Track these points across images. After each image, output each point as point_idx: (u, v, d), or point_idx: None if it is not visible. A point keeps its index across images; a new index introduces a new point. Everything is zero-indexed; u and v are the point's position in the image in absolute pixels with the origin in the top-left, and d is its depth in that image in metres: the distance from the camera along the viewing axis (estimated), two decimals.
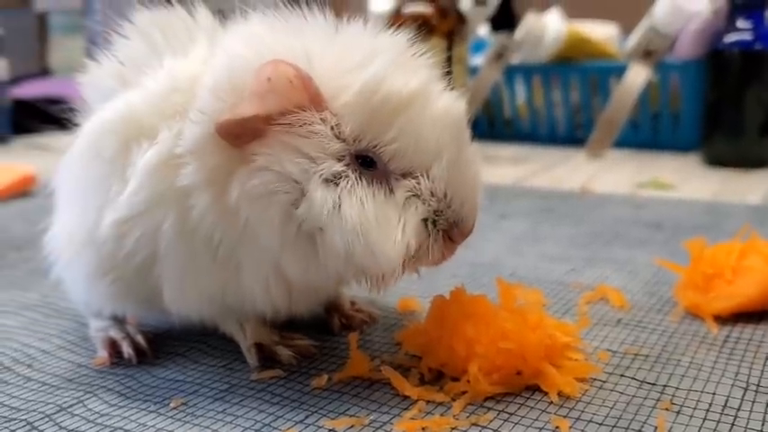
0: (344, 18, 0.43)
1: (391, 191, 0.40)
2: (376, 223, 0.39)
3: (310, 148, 0.39)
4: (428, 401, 0.42)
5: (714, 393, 0.43)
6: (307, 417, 0.41)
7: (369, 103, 0.39)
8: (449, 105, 0.42)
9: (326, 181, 0.39)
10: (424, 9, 1.15)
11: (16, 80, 1.87)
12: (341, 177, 0.39)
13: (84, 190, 0.46)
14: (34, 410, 0.42)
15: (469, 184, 0.42)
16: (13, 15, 2.15)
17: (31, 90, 1.87)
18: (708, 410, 0.41)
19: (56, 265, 0.51)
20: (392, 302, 0.57)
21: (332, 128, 0.39)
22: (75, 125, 0.48)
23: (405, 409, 0.41)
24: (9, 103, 1.59)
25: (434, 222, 0.41)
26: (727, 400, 0.42)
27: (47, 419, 0.41)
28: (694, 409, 0.41)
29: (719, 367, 0.46)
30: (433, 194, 0.41)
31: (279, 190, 0.39)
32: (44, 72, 2.34)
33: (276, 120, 0.39)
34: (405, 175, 0.40)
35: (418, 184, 0.40)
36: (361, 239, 0.39)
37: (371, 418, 0.40)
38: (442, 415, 0.40)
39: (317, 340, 0.49)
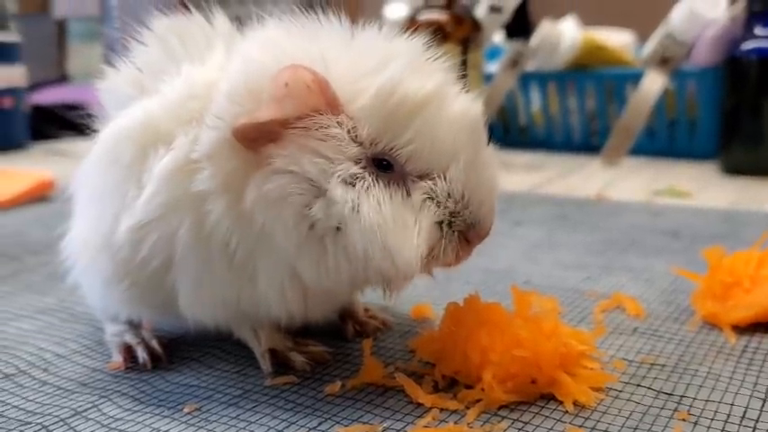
0: (359, 23, 0.43)
1: (408, 193, 0.40)
2: (393, 226, 0.39)
3: (327, 151, 0.39)
4: (442, 409, 0.41)
5: (732, 404, 0.42)
6: (320, 423, 0.41)
7: (385, 106, 0.39)
8: (465, 107, 0.42)
9: (345, 182, 0.39)
10: (439, 16, 1.15)
11: (35, 86, 1.89)
12: (358, 180, 0.39)
13: (101, 196, 0.46)
14: (49, 414, 0.42)
15: (486, 186, 0.42)
16: (33, 22, 2.18)
17: (49, 96, 1.89)
18: (726, 422, 0.40)
19: (73, 269, 0.51)
20: (406, 309, 0.57)
21: (348, 131, 0.39)
22: (93, 131, 0.49)
23: (418, 416, 0.41)
24: (28, 109, 1.61)
25: (450, 224, 0.41)
26: (745, 412, 0.41)
27: (62, 423, 0.41)
28: (712, 420, 0.40)
29: (738, 378, 0.45)
30: (449, 196, 0.41)
31: (294, 192, 0.39)
32: (62, 78, 2.37)
33: (293, 124, 0.39)
34: (422, 177, 0.40)
35: (435, 185, 0.40)
36: (379, 241, 0.39)
37: (385, 425, 0.40)
38: (455, 423, 0.40)
39: (330, 347, 0.49)
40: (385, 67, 0.40)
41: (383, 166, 0.40)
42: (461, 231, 0.41)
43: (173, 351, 0.50)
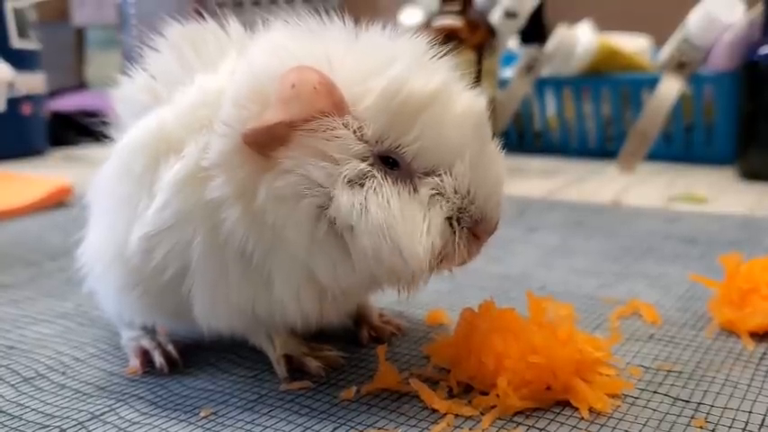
0: (364, 23, 0.43)
1: (415, 190, 0.40)
2: (402, 222, 0.39)
3: (334, 151, 0.39)
4: (457, 415, 0.41)
5: (750, 412, 0.42)
6: (335, 428, 0.41)
7: (390, 105, 0.39)
8: (470, 103, 0.42)
9: (351, 182, 0.39)
10: (453, 22, 1.15)
11: (54, 93, 1.91)
12: (366, 177, 0.40)
13: (115, 205, 0.46)
14: (67, 417, 0.43)
15: (492, 180, 0.42)
16: (52, 30, 2.21)
17: (68, 103, 1.91)
18: (744, 429, 0.40)
19: (88, 277, 0.51)
20: (420, 315, 0.57)
21: (354, 132, 0.40)
22: (109, 138, 0.49)
23: (433, 422, 0.41)
24: (47, 115, 1.63)
25: (459, 220, 0.41)
26: (763, 419, 0.41)
27: (79, 426, 0.42)
28: (730, 427, 0.40)
29: (756, 385, 0.45)
30: (456, 192, 0.41)
31: (306, 193, 0.40)
32: (81, 85, 2.40)
33: (300, 125, 0.39)
34: (428, 174, 0.41)
35: (442, 181, 0.40)
36: (388, 239, 0.39)
37: (400, 430, 0.40)
38: (470, 429, 0.40)
39: (345, 352, 0.50)
40: (389, 66, 0.40)
41: (389, 163, 0.40)
42: (469, 228, 0.41)
43: (189, 356, 0.50)
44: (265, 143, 0.40)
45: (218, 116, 0.41)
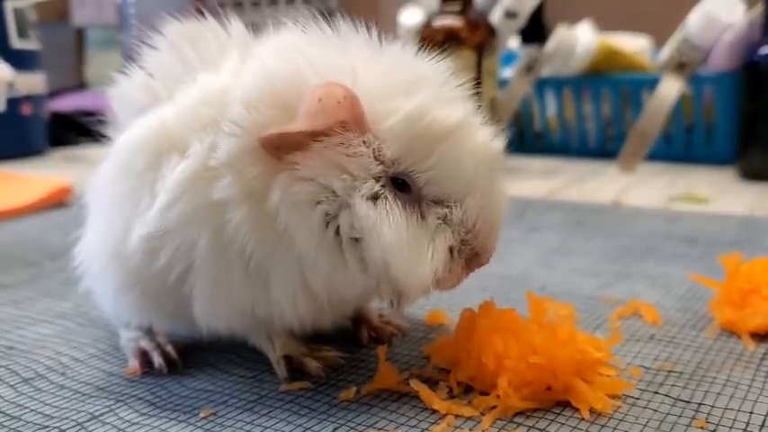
0: (378, 29, 0.43)
1: (422, 216, 0.41)
2: (407, 248, 0.40)
3: (353, 167, 0.40)
4: (457, 416, 0.41)
5: (751, 412, 0.42)
6: (335, 429, 0.41)
7: (412, 129, 0.40)
8: (488, 140, 0.43)
9: (368, 199, 0.40)
10: (454, 22, 1.15)
11: (54, 93, 1.91)
12: (379, 197, 0.40)
13: (114, 204, 0.46)
14: (66, 418, 0.43)
15: (496, 217, 0.43)
16: (52, 30, 2.21)
17: (67, 103, 1.91)
18: (744, 430, 0.40)
19: (85, 276, 0.51)
20: (421, 315, 0.57)
21: (373, 150, 0.40)
22: (106, 138, 0.49)
23: (433, 422, 0.41)
24: (47, 115, 1.63)
25: (459, 251, 0.42)
26: (764, 420, 0.41)
27: (79, 427, 0.41)
28: (730, 428, 0.40)
29: (757, 386, 0.45)
30: (462, 224, 0.41)
31: (320, 200, 0.40)
32: (81, 85, 2.40)
33: (320, 137, 0.39)
34: (437, 202, 0.41)
35: (450, 212, 0.41)
36: (395, 259, 0.39)
37: (400, 431, 0.40)
38: (471, 430, 0.40)
39: (345, 352, 0.49)
40: (416, 90, 0.40)
41: (399, 185, 0.41)
42: (466, 258, 0.42)
43: (188, 356, 0.50)
44: (280, 147, 0.40)
45: (226, 115, 0.41)
